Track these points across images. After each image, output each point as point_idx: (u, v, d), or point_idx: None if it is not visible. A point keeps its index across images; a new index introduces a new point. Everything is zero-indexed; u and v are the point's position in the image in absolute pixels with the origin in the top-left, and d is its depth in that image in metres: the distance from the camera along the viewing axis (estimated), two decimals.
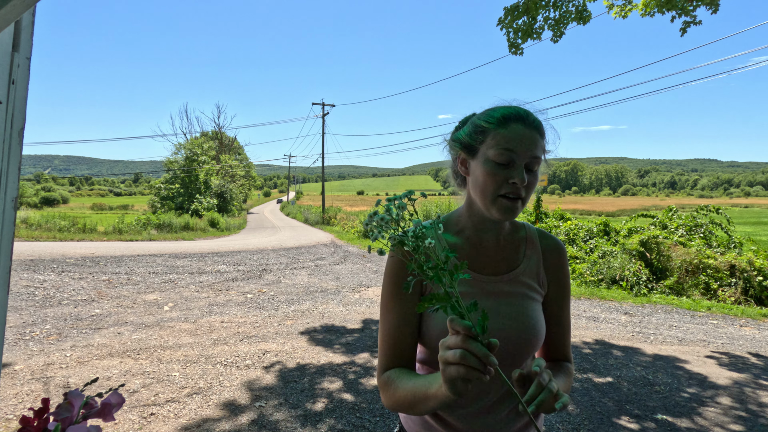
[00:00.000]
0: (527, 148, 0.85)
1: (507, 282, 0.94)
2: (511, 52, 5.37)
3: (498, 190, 0.86)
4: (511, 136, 0.86)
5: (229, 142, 48.57)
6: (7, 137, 0.73)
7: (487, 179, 0.87)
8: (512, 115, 0.88)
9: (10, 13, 0.61)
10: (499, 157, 0.86)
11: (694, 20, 4.58)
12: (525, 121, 0.87)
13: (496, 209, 0.87)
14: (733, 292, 7.26)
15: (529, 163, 0.86)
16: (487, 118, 0.90)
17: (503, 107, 0.91)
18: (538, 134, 0.87)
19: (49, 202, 61.61)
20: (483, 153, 0.89)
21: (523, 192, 0.86)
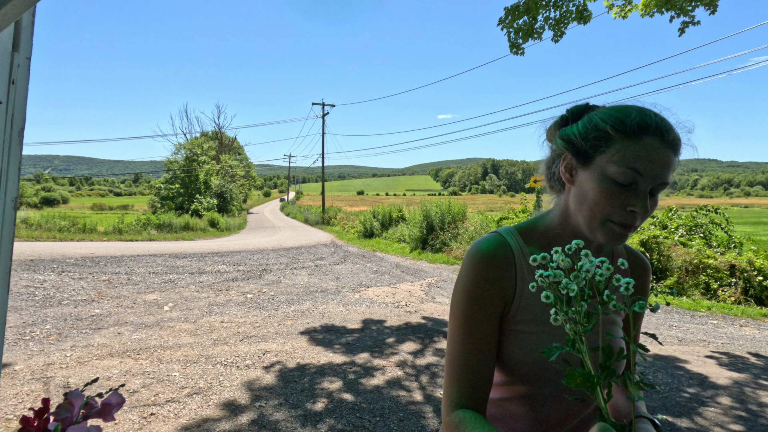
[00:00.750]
0: (659, 171, 0.70)
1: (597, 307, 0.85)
2: (511, 52, 5.38)
3: (609, 214, 0.72)
4: (642, 154, 0.69)
5: (229, 142, 48.57)
6: (7, 137, 0.73)
7: (600, 200, 0.72)
8: (650, 127, 0.70)
9: (10, 13, 0.61)
10: (622, 177, 0.70)
11: (692, 20, 4.58)
12: (664, 137, 0.70)
13: (602, 234, 0.74)
14: (733, 292, 7.26)
15: (655, 188, 0.72)
16: (616, 122, 0.72)
17: (639, 112, 0.72)
18: (674, 153, 0.71)
19: (49, 202, 61.62)
20: (600, 165, 0.73)
21: (639, 221, 0.72)
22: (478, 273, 0.79)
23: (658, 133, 0.70)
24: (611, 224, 0.73)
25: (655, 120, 0.71)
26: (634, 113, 0.72)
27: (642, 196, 0.70)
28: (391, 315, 5.76)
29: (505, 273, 0.79)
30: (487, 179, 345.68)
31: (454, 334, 0.81)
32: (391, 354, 4.24)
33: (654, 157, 0.69)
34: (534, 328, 0.79)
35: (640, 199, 0.70)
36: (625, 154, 0.70)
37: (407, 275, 9.06)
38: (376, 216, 18.00)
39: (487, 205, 59.98)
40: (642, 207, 0.70)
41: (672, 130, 0.72)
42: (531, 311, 0.79)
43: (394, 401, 3.21)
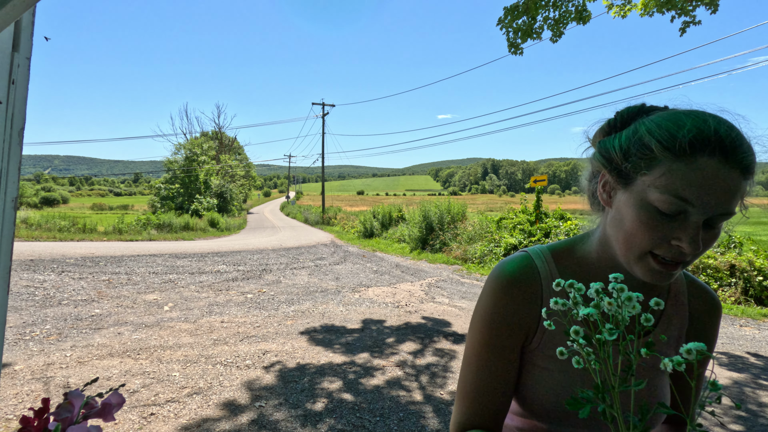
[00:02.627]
0: (717, 200, 0.55)
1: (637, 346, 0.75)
2: (510, 52, 5.38)
3: (651, 247, 0.60)
4: (694, 180, 0.55)
5: (229, 142, 48.58)
6: (7, 137, 0.73)
7: (637, 230, 0.60)
8: (707, 143, 0.55)
9: (10, 13, 0.61)
10: (667, 207, 0.57)
11: (693, 20, 4.59)
12: (727, 157, 0.55)
13: (640, 269, 0.62)
14: (733, 292, 7.27)
15: (713, 219, 0.57)
16: (665, 137, 0.58)
17: (695, 122, 0.57)
18: (743, 176, 0.56)
19: (49, 202, 61.60)
20: (642, 188, 0.60)
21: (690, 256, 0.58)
22: (500, 300, 0.71)
23: (720, 151, 0.55)
24: (651, 260, 0.61)
25: (717, 134, 0.55)
26: (690, 124, 0.57)
27: (692, 229, 0.57)
28: (391, 315, 5.76)
29: (529, 302, 0.71)
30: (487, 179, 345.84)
31: (468, 360, 0.74)
32: (391, 354, 4.24)
33: (711, 183, 0.55)
34: (556, 365, 0.71)
35: (689, 234, 0.57)
36: (673, 178, 0.56)
37: (407, 275, 9.06)
38: (376, 216, 18.01)
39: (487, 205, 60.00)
40: (691, 243, 0.56)
41: (740, 148, 0.55)
42: (556, 346, 0.70)
43: (394, 401, 3.21)
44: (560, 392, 0.70)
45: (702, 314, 0.75)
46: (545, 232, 10.41)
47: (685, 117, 0.58)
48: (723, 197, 0.56)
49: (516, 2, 5.06)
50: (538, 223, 10.92)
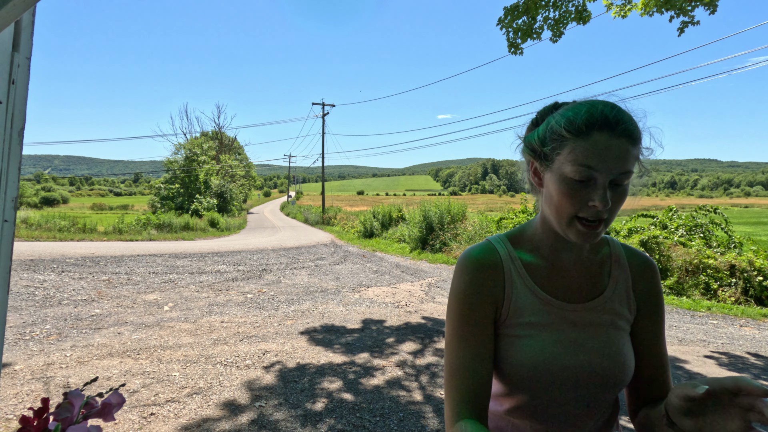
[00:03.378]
0: (613, 163, 0.70)
1: (592, 310, 0.82)
2: (510, 52, 5.38)
3: (574, 212, 0.74)
4: (593, 150, 0.71)
5: (229, 142, 48.58)
6: (7, 137, 0.73)
7: (561, 200, 0.74)
8: (597, 122, 0.71)
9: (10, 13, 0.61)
10: (578, 175, 0.72)
11: (692, 20, 4.59)
12: (613, 129, 0.71)
13: (572, 233, 0.75)
14: (733, 292, 7.26)
15: (617, 179, 0.72)
16: (566, 123, 0.74)
17: (587, 108, 0.73)
18: (630, 143, 0.71)
19: (49, 202, 61.58)
20: (559, 166, 0.74)
21: (606, 213, 0.72)
22: (467, 279, 0.81)
23: (607, 126, 0.71)
24: (577, 222, 0.74)
25: (602, 113, 0.72)
26: (583, 111, 0.73)
27: (601, 189, 0.71)
28: (391, 315, 5.76)
29: (493, 278, 0.82)
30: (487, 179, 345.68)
31: (449, 341, 0.81)
32: (391, 354, 4.24)
33: (605, 151, 0.70)
34: (527, 331, 0.80)
35: (599, 193, 0.71)
36: (578, 153, 0.72)
37: (407, 275, 9.06)
38: (376, 216, 18.00)
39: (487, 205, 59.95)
40: (601, 200, 0.71)
41: (622, 121, 0.71)
42: (523, 315, 0.80)
43: (394, 401, 3.21)
44: (535, 354, 0.78)
45: (641, 271, 0.88)
46: None
47: (582, 106, 0.75)
48: (617, 160, 0.71)
49: (516, 2, 5.06)
50: None
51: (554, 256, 0.84)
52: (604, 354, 0.79)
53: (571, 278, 0.84)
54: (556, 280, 0.83)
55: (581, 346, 0.79)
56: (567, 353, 0.78)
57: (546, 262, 0.84)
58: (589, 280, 0.84)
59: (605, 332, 0.81)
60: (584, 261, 0.85)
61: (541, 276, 0.83)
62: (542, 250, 0.84)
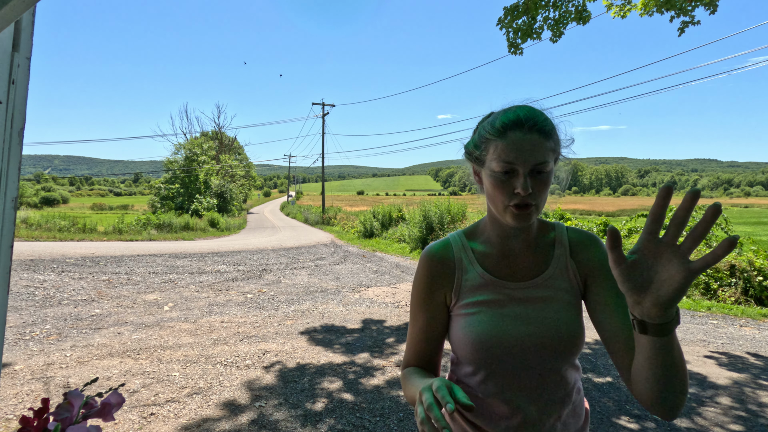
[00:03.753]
0: (528, 156, 0.83)
1: (536, 287, 0.92)
2: (510, 52, 5.38)
3: (506, 200, 0.85)
4: (510, 147, 0.83)
5: (229, 142, 48.57)
6: (7, 137, 0.73)
7: (493, 192, 0.87)
8: (510, 123, 0.85)
9: (10, 13, 0.61)
10: (500, 168, 0.85)
11: (692, 20, 4.58)
12: (524, 127, 0.84)
13: (508, 218, 0.87)
14: (733, 292, 7.27)
15: (535, 168, 0.84)
16: (489, 127, 0.88)
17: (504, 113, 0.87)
18: (542, 136, 0.84)
19: (49, 202, 61.55)
20: (488, 164, 0.87)
21: (532, 198, 0.84)
22: (424, 270, 0.97)
23: (518, 125, 0.84)
24: (510, 208, 0.86)
25: (514, 115, 0.85)
26: (501, 116, 0.87)
27: (522, 178, 0.83)
28: (391, 315, 5.76)
29: (446, 269, 0.96)
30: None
31: (410, 321, 1.01)
32: (391, 354, 4.24)
33: (520, 145, 0.83)
34: (476, 308, 0.92)
35: (520, 182, 0.83)
36: (499, 151, 0.85)
37: (407, 275, 9.06)
38: (376, 216, 18.00)
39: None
40: (522, 187, 0.82)
41: (532, 118, 0.84)
42: (473, 295, 0.94)
43: (394, 401, 3.21)
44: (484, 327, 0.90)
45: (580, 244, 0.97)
46: None
47: (501, 111, 0.89)
48: (531, 152, 0.83)
49: (516, 2, 5.06)
50: None
51: (503, 244, 0.96)
52: (546, 324, 0.88)
53: (518, 261, 0.95)
54: (503, 264, 0.95)
55: (525, 319, 0.89)
56: (512, 325, 0.89)
57: (495, 249, 0.96)
58: (534, 262, 0.95)
59: (548, 305, 0.90)
60: (531, 245, 0.96)
61: (490, 262, 0.96)
62: (492, 240, 0.97)
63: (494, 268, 0.95)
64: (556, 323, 0.88)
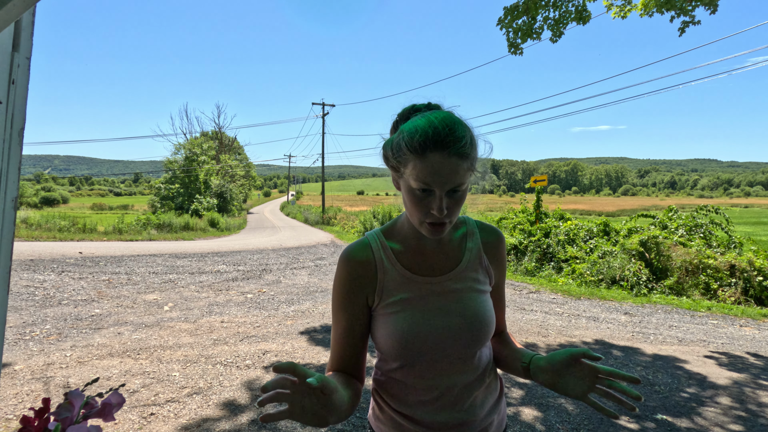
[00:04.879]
0: (446, 180, 0.82)
1: (452, 279, 0.97)
2: (510, 52, 5.38)
3: (421, 216, 0.87)
4: (429, 170, 0.81)
5: (229, 142, 48.56)
6: (7, 137, 0.73)
7: (410, 206, 0.88)
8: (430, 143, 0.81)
9: (10, 13, 0.61)
10: (418, 188, 0.84)
11: (692, 20, 4.58)
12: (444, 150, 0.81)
13: (424, 231, 0.89)
14: (733, 292, 7.26)
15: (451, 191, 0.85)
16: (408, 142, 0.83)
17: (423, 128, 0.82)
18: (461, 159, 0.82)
19: (49, 202, 61.53)
20: (406, 179, 0.86)
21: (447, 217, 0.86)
22: (343, 272, 0.97)
23: (440, 147, 0.81)
24: (426, 224, 0.87)
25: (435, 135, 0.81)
26: (420, 131, 0.82)
27: (438, 200, 0.83)
28: None
29: (365, 270, 0.96)
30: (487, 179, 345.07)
31: (333, 320, 1.00)
32: None
33: (438, 169, 0.81)
34: (398, 307, 0.94)
35: (436, 204, 0.84)
36: (418, 171, 0.83)
37: None
38: (376, 216, 18.00)
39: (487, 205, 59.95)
40: (438, 210, 0.83)
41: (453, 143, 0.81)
42: (394, 294, 0.95)
43: None
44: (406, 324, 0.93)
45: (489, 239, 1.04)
46: (545, 232, 10.41)
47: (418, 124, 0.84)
48: (449, 176, 0.82)
49: (516, 2, 5.06)
50: (538, 223, 10.92)
51: (419, 243, 0.98)
52: (464, 315, 0.94)
53: (434, 257, 0.98)
54: (421, 261, 0.98)
55: (444, 311, 0.93)
56: (433, 318, 0.93)
57: (412, 247, 0.98)
58: (448, 257, 0.99)
59: (464, 296, 0.96)
60: (444, 242, 1.00)
61: (409, 259, 0.98)
62: (409, 239, 0.99)
63: (413, 265, 0.97)
64: (473, 312, 0.94)
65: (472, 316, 0.94)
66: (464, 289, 0.97)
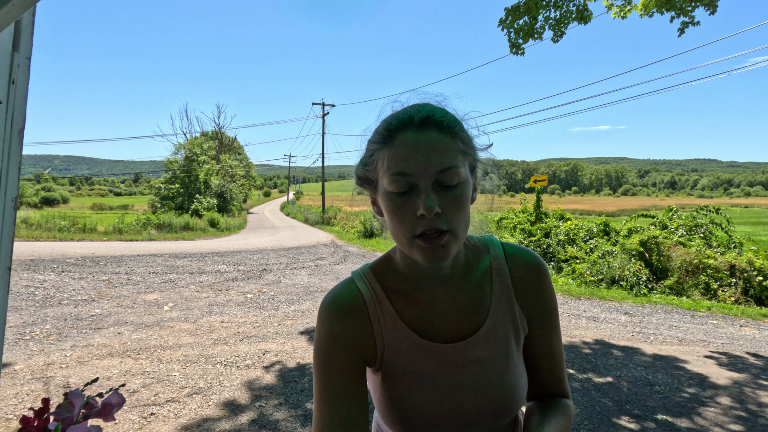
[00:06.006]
0: (426, 161, 0.60)
1: (475, 345, 0.71)
2: (512, 52, 5.38)
3: (410, 230, 0.62)
4: (401, 153, 0.61)
5: (229, 142, 48.58)
6: (7, 137, 0.73)
7: (393, 220, 0.64)
8: (396, 123, 0.63)
9: (10, 13, 0.61)
10: (395, 186, 0.62)
11: (692, 21, 4.59)
12: (417, 126, 0.62)
13: (417, 255, 0.63)
14: (733, 292, 7.27)
15: (440, 179, 0.61)
16: (375, 137, 0.66)
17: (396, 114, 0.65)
18: (444, 136, 0.62)
19: (49, 202, 61.55)
20: (381, 184, 0.65)
21: (443, 222, 0.61)
22: (327, 332, 0.70)
23: (412, 125, 0.62)
24: (417, 240, 0.62)
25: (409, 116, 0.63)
26: (391, 119, 0.65)
27: (423, 194, 0.60)
28: None
29: (359, 326, 0.71)
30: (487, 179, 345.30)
31: (315, 402, 0.70)
32: None
33: (414, 149, 0.60)
34: (402, 381, 0.71)
35: (422, 199, 0.60)
36: (387, 161, 0.62)
37: None
38: (376, 216, 17.99)
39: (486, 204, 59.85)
40: (424, 205, 0.60)
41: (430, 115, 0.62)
42: (396, 361, 0.71)
43: None
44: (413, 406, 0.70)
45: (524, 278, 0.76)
46: (545, 232, 10.41)
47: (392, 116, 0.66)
48: (430, 155, 0.60)
49: (517, 2, 5.06)
50: (538, 223, 10.93)
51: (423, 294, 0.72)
52: (491, 392, 0.70)
53: (448, 309, 0.72)
54: (430, 316, 0.71)
55: (464, 389, 0.70)
56: (447, 397, 0.70)
57: (417, 293, 0.72)
58: (468, 308, 0.72)
59: (490, 368, 0.71)
60: (459, 284, 0.72)
61: (413, 313, 0.72)
62: (411, 279, 0.73)
63: (419, 322, 0.71)
64: (498, 388, 0.71)
65: (496, 392, 0.70)
66: (490, 357, 0.71)
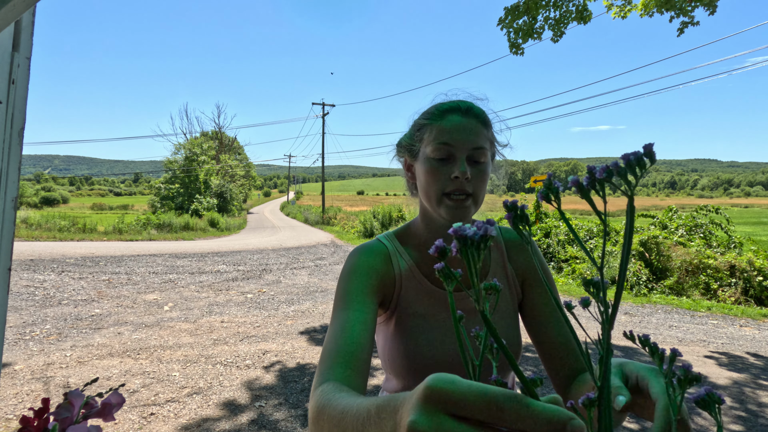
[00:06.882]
0: (466, 138, 0.79)
1: None
2: (511, 52, 5.38)
3: (441, 188, 0.79)
4: (447, 128, 0.79)
5: (229, 142, 48.58)
6: (7, 137, 0.73)
7: (428, 178, 0.81)
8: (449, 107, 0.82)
9: (10, 13, 0.61)
10: (437, 152, 0.80)
11: (692, 21, 4.59)
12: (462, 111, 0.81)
13: (444, 210, 0.80)
14: (733, 292, 7.26)
15: (472, 155, 0.80)
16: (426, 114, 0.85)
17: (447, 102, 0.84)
18: (480, 124, 0.81)
19: (49, 202, 61.55)
20: (423, 151, 0.83)
21: (470, 187, 0.79)
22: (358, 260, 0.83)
23: (458, 110, 0.81)
24: (446, 198, 0.79)
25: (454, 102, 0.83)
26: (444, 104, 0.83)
27: (459, 162, 0.78)
28: None
29: (383, 264, 0.84)
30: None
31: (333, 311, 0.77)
32: None
33: (458, 128, 0.79)
34: (414, 321, 0.83)
35: (458, 166, 0.78)
36: (435, 133, 0.80)
37: None
38: (376, 216, 18.00)
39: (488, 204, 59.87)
40: (460, 170, 0.77)
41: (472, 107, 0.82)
42: (410, 305, 0.84)
43: None
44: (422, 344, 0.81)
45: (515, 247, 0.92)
46: (545, 232, 10.42)
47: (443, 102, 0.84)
48: (469, 134, 0.79)
49: (517, 2, 5.06)
50: (538, 223, 10.93)
51: None
52: None
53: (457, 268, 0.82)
54: None
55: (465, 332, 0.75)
56: (451, 339, 0.82)
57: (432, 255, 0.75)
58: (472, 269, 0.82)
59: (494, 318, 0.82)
60: None
61: (429, 268, 0.86)
62: (428, 244, 0.87)
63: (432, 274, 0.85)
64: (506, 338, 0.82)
65: None
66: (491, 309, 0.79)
